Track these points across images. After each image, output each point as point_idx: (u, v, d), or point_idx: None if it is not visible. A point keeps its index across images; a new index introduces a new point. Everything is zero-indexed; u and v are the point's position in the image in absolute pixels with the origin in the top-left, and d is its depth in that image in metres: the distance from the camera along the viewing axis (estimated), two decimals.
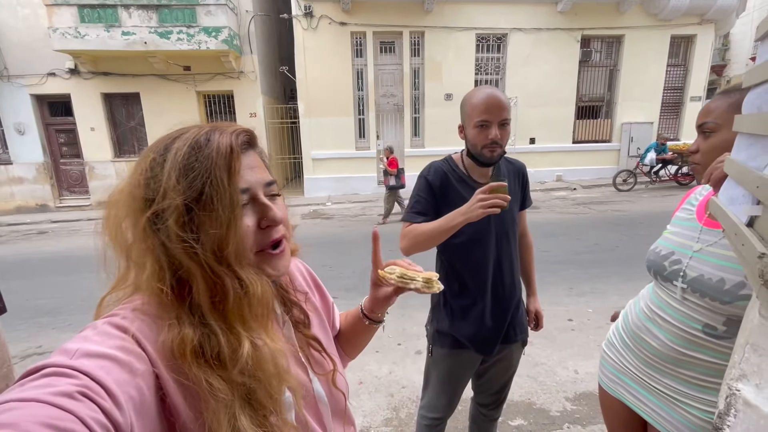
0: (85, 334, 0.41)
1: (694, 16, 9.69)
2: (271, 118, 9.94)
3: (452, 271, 1.31)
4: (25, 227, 8.04)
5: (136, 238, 0.47)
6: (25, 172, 9.31)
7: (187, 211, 0.45)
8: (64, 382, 0.35)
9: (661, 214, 6.21)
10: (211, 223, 0.46)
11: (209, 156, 0.46)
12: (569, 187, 9.40)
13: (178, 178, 0.45)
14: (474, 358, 1.33)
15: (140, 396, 0.40)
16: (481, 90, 1.18)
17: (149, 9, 8.04)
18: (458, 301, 1.31)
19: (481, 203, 1.03)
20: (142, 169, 0.47)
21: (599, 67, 10.20)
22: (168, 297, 0.46)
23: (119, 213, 0.48)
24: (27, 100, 8.92)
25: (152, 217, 0.45)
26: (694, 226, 0.93)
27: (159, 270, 0.46)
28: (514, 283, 1.35)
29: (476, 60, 9.57)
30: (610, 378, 1.09)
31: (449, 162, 1.31)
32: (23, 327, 3.34)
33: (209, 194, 0.45)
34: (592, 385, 2.29)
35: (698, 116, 0.91)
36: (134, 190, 0.47)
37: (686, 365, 0.87)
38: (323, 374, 0.63)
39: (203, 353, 0.45)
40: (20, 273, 4.94)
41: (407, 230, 1.23)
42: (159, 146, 0.48)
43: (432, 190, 1.26)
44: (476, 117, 1.15)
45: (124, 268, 0.49)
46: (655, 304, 0.96)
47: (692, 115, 10.50)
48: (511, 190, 1.26)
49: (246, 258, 0.50)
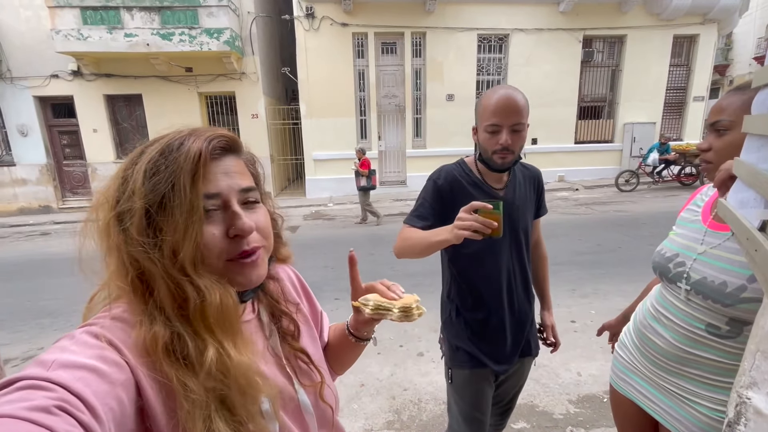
0: (62, 344, 0.40)
1: (696, 16, 9.66)
2: (273, 119, 9.95)
3: (464, 283, 1.24)
4: (28, 228, 8.07)
5: (101, 235, 0.48)
6: (28, 173, 9.34)
7: (148, 214, 0.45)
8: (39, 395, 0.33)
9: (664, 215, 6.19)
10: (168, 228, 0.45)
11: (176, 160, 0.46)
12: (571, 188, 9.37)
13: (144, 181, 0.45)
14: (492, 374, 1.27)
15: (120, 407, 0.38)
16: (496, 90, 1.09)
17: (151, 11, 8.05)
18: (473, 314, 1.24)
19: (458, 224, 0.93)
20: (119, 171, 0.49)
21: (601, 67, 10.17)
22: (130, 295, 0.46)
23: (98, 213, 0.49)
24: (30, 102, 8.95)
25: (116, 216, 0.46)
26: (698, 228, 0.93)
27: (121, 268, 0.46)
28: (529, 294, 1.29)
29: (478, 60, 9.56)
30: (621, 377, 1.10)
31: (462, 166, 1.23)
32: (25, 328, 3.34)
33: (169, 198, 0.45)
34: (595, 387, 2.28)
35: (710, 113, 0.89)
36: (108, 191, 0.48)
37: (692, 364, 0.88)
38: (310, 385, 0.62)
39: (174, 351, 0.44)
40: (23, 274, 4.95)
41: (403, 232, 1.19)
42: (137, 150, 0.50)
43: (439, 195, 1.19)
44: (486, 120, 1.09)
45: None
46: (660, 304, 0.97)
47: (695, 115, 10.47)
48: (524, 196, 1.23)
49: (209, 266, 0.48)
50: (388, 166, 10.00)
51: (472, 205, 0.92)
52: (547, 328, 1.39)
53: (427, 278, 3.04)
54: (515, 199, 1.21)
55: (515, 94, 1.07)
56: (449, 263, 1.28)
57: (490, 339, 1.22)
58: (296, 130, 10.02)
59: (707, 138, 0.90)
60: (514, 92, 1.07)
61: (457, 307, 1.26)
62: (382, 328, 2.96)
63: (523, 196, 1.23)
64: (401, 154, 9.91)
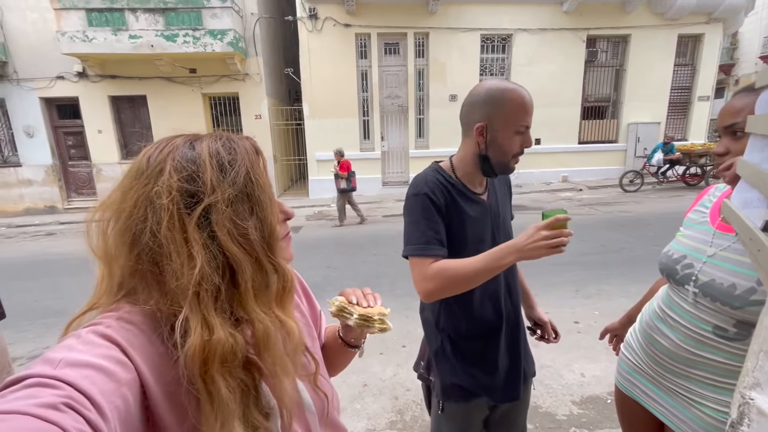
0: (68, 343, 0.40)
1: (701, 15, 9.60)
2: (276, 120, 9.98)
3: (459, 308, 1.08)
4: (34, 228, 8.13)
5: (174, 236, 0.45)
6: (34, 174, 9.42)
7: (234, 203, 0.48)
8: (47, 393, 0.34)
9: (668, 215, 6.15)
10: (256, 215, 0.50)
11: (243, 154, 0.51)
12: (575, 188, 9.33)
13: (222, 174, 0.48)
14: (486, 403, 1.13)
15: (125, 406, 0.39)
16: (517, 88, 0.96)
17: (156, 12, 8.11)
18: (469, 344, 1.10)
19: (547, 242, 0.85)
20: (169, 170, 0.47)
21: (605, 67, 10.12)
22: (222, 294, 0.47)
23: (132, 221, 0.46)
24: (36, 103, 9.03)
25: (202, 212, 0.46)
26: (706, 230, 0.92)
27: (206, 266, 0.45)
28: (518, 305, 1.18)
29: (481, 61, 9.55)
30: (626, 378, 1.09)
31: (441, 173, 1.06)
32: (30, 328, 3.37)
33: (252, 189, 0.50)
34: (599, 388, 2.27)
35: (723, 116, 0.85)
36: (161, 190, 0.46)
37: (698, 365, 0.88)
38: (306, 375, 0.63)
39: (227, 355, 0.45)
40: (28, 274, 4.99)
41: (435, 269, 0.96)
42: (176, 150, 0.49)
43: (437, 208, 1.01)
44: (519, 120, 0.96)
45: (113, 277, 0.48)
46: (667, 305, 0.96)
47: (700, 115, 10.40)
48: (503, 201, 1.16)
49: (279, 246, 0.54)
50: (390, 166, 10.01)
51: (553, 221, 0.85)
52: (546, 324, 1.28)
53: None
54: (498, 204, 1.12)
55: (528, 92, 1.00)
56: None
57: (486, 369, 1.10)
58: (299, 131, 10.05)
59: (722, 142, 0.85)
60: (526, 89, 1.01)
61: (450, 336, 1.11)
62: None
63: (502, 201, 1.15)
64: (404, 155, 9.91)
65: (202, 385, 0.43)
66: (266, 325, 0.48)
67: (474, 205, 1.06)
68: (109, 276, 0.48)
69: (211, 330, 0.44)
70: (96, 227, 0.49)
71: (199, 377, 0.43)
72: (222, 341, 0.44)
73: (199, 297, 0.45)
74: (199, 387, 0.43)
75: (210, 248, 0.46)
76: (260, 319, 0.48)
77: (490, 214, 1.08)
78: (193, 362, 0.43)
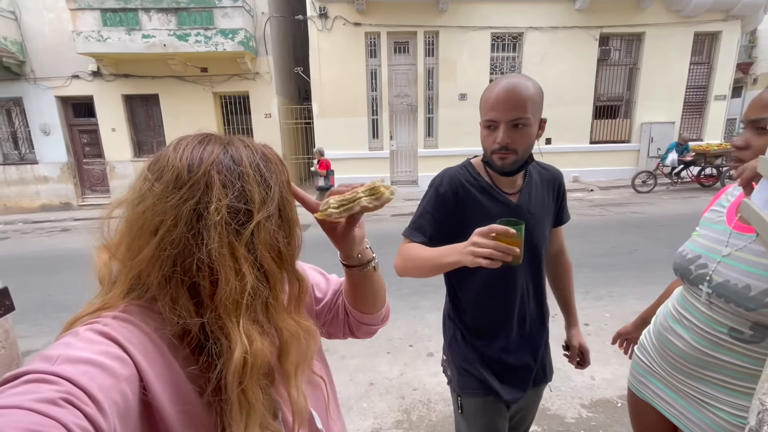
0: (66, 341, 0.40)
1: (719, 12, 9.37)
2: (286, 119, 10.03)
3: (469, 304, 1.11)
4: (49, 225, 8.31)
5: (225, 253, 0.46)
6: (49, 171, 9.63)
7: (272, 218, 0.50)
8: (46, 388, 0.34)
9: (682, 217, 6.02)
10: (286, 228, 0.53)
11: (277, 169, 0.53)
12: (586, 189, 9.20)
13: (266, 191, 0.50)
14: (504, 404, 1.12)
15: (124, 401, 0.39)
16: (500, 80, 0.95)
17: (168, 12, 8.21)
18: (477, 340, 1.11)
19: (473, 250, 0.80)
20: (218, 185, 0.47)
21: (618, 65, 9.95)
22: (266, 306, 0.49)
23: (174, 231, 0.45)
24: (52, 102, 9.22)
25: (257, 224, 0.48)
26: (723, 230, 0.89)
27: (253, 281, 0.47)
28: (543, 314, 1.16)
29: (491, 59, 9.46)
30: (640, 380, 1.07)
31: (468, 168, 1.08)
32: (45, 321, 3.44)
33: (284, 202, 0.53)
34: (608, 392, 2.23)
35: (752, 108, 0.82)
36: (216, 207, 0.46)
37: (713, 367, 0.86)
38: (315, 405, 0.62)
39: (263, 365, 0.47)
40: (44, 269, 5.10)
41: (403, 247, 1.06)
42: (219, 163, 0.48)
43: (443, 204, 1.05)
44: (484, 115, 0.97)
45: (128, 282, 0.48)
46: (682, 306, 0.94)
47: (716, 115, 10.16)
48: (541, 202, 1.09)
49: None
50: (399, 165, 9.99)
51: (491, 228, 0.79)
52: (573, 348, 1.22)
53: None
54: (531, 206, 1.07)
55: (520, 85, 0.92)
56: (451, 286, 1.15)
57: (499, 367, 1.09)
58: (308, 130, 10.09)
59: (744, 134, 0.83)
60: (520, 82, 0.93)
61: (461, 330, 1.13)
62: (392, 327, 2.95)
63: (539, 202, 1.09)
64: (413, 154, 9.88)
65: (236, 395, 0.45)
66: (291, 332, 0.51)
67: (497, 204, 1.03)
68: (125, 281, 0.47)
69: (251, 342, 0.46)
70: (118, 232, 0.49)
71: (237, 386, 0.44)
72: (260, 352, 0.46)
73: (249, 311, 0.47)
74: (232, 396, 0.44)
75: (256, 264, 0.48)
76: (286, 326, 0.51)
77: (519, 215, 1.03)
78: (234, 374, 0.44)
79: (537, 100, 0.94)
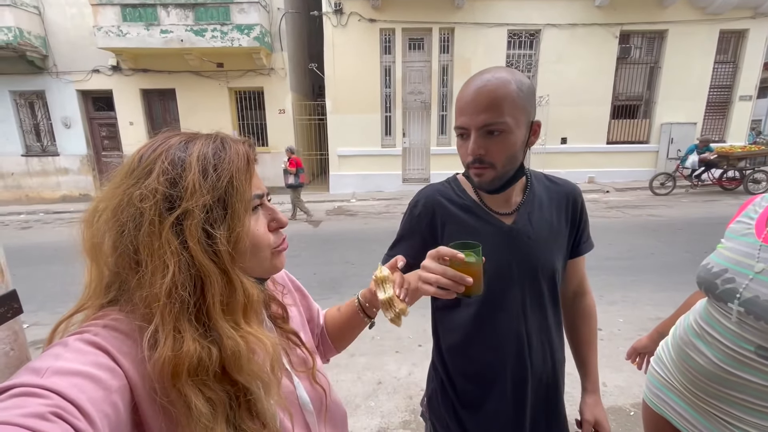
0: (55, 352, 0.39)
1: (746, 9, 9.03)
2: (299, 115, 10.08)
3: (452, 349, 0.93)
4: (69, 215, 8.53)
5: (151, 242, 0.44)
6: (70, 163, 9.89)
7: (207, 212, 0.46)
8: (34, 402, 0.33)
9: (702, 221, 5.85)
10: (228, 225, 0.47)
11: (231, 160, 0.49)
12: (602, 190, 9.01)
13: (204, 178, 0.46)
14: None
15: (116, 413, 0.38)
16: (473, 78, 0.78)
17: (186, 8, 8.31)
18: (460, 398, 0.92)
19: (421, 273, 0.67)
20: (157, 172, 0.46)
21: (639, 64, 9.69)
22: (191, 306, 0.44)
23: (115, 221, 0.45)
24: (73, 96, 9.45)
25: (177, 218, 0.45)
26: (752, 242, 0.85)
27: (178, 275, 0.44)
28: (555, 367, 0.92)
29: (507, 57, 9.32)
30: (656, 394, 1.05)
31: (452, 185, 0.92)
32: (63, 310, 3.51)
33: (230, 195, 0.47)
34: (621, 399, 2.19)
35: None
36: (146, 193, 0.44)
37: (737, 387, 0.82)
38: (304, 371, 0.63)
39: (198, 368, 0.43)
40: (63, 258, 5.23)
41: None
42: (168, 152, 0.47)
43: (418, 228, 0.90)
44: (456, 121, 0.81)
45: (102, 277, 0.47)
46: (705, 321, 0.90)
47: (741, 115, 9.83)
48: (547, 225, 0.88)
49: (260, 258, 0.53)
50: (411, 163, 9.95)
51: (439, 252, 0.65)
52: (585, 423, 0.92)
53: None
54: (531, 230, 0.86)
55: (494, 82, 0.75)
56: (435, 326, 0.99)
57: (486, 421, 0.89)
58: (322, 126, 10.12)
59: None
60: (495, 77, 0.75)
61: (442, 380, 0.95)
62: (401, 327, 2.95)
63: (545, 225, 0.88)
64: (425, 152, 9.83)
65: (175, 397, 0.42)
66: (235, 342, 0.45)
67: (486, 226, 0.86)
68: (98, 276, 0.47)
69: (180, 341, 0.42)
70: (88, 222, 0.48)
71: (171, 389, 0.42)
72: (191, 354, 0.42)
73: (170, 307, 0.43)
74: (173, 399, 0.42)
75: (182, 256, 0.44)
76: (228, 335, 0.45)
77: (513, 240, 0.86)
78: (162, 374, 0.41)
79: (520, 100, 0.76)
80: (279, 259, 0.57)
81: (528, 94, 0.78)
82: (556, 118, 9.25)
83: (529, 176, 0.91)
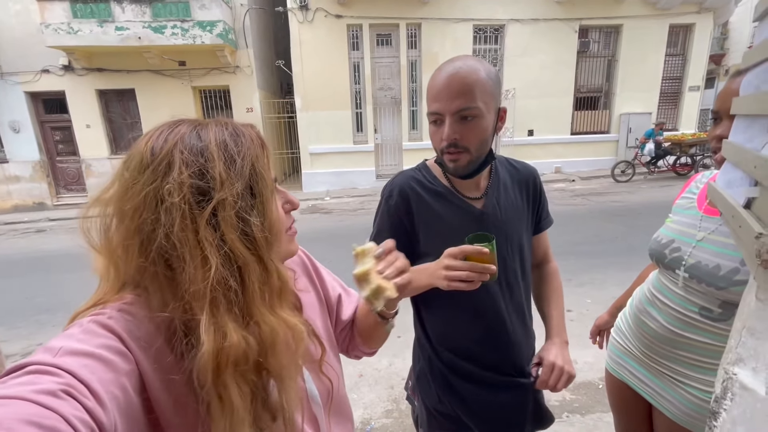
0: (69, 332, 0.41)
1: (692, 5, 9.62)
2: (268, 113, 9.87)
3: (436, 327, 0.96)
4: (23, 225, 8.01)
5: (188, 237, 0.43)
6: (21, 170, 9.25)
7: (241, 198, 0.46)
8: (47, 380, 0.34)
9: (660, 204, 6.22)
10: (257, 211, 0.48)
11: (249, 146, 0.49)
12: (568, 179, 9.38)
13: (231, 167, 0.46)
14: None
15: (124, 395, 0.39)
16: (444, 66, 0.80)
17: (142, 3, 7.94)
18: (450, 368, 0.95)
19: (447, 274, 0.73)
20: (179, 164, 0.44)
21: (597, 57, 10.13)
22: (237, 297, 0.44)
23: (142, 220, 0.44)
24: (21, 98, 8.83)
25: (213, 208, 0.44)
26: (694, 215, 0.94)
27: (221, 268, 0.43)
28: (530, 338, 1.00)
29: (474, 51, 9.49)
30: (616, 361, 1.12)
31: (423, 171, 0.94)
32: (23, 325, 3.34)
33: (256, 182, 0.48)
34: (590, 374, 2.31)
35: (723, 98, 0.81)
36: (174, 187, 0.43)
37: (684, 346, 0.90)
38: (311, 363, 0.61)
39: (240, 359, 0.44)
40: (19, 271, 4.93)
41: None
42: (183, 141, 0.46)
43: (396, 219, 0.91)
44: (428, 107, 0.83)
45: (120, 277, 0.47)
46: (657, 288, 0.98)
47: (691, 105, 10.47)
48: (512, 206, 0.93)
49: (280, 241, 0.53)
50: (384, 158, 9.98)
51: (462, 250, 0.72)
52: (546, 366, 0.90)
53: None
54: (499, 212, 0.91)
55: (465, 68, 0.77)
56: (417, 309, 1.02)
57: (475, 400, 0.93)
58: (292, 124, 9.96)
59: (721, 125, 0.82)
60: (467, 64, 0.78)
61: (431, 357, 0.98)
62: None
63: (511, 206, 0.92)
64: (397, 147, 9.88)
65: (213, 391, 0.42)
66: (273, 327, 0.46)
67: (458, 211, 0.89)
68: (115, 274, 0.47)
69: (224, 335, 0.42)
70: (96, 224, 0.47)
71: (212, 383, 0.42)
72: (236, 346, 0.43)
73: (216, 301, 0.43)
74: (210, 393, 0.42)
75: (222, 248, 0.44)
76: (267, 321, 0.46)
77: (484, 223, 0.89)
78: (206, 368, 0.41)
79: (489, 87, 0.78)
80: (293, 242, 0.58)
81: (495, 82, 0.81)
82: (523, 110, 9.52)
83: (494, 161, 0.95)
